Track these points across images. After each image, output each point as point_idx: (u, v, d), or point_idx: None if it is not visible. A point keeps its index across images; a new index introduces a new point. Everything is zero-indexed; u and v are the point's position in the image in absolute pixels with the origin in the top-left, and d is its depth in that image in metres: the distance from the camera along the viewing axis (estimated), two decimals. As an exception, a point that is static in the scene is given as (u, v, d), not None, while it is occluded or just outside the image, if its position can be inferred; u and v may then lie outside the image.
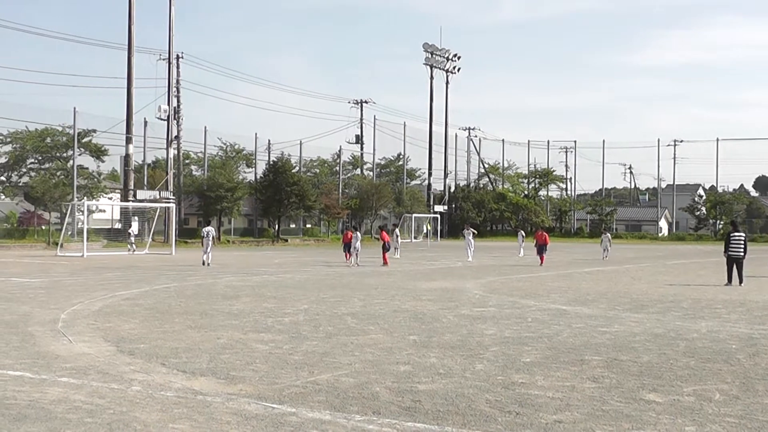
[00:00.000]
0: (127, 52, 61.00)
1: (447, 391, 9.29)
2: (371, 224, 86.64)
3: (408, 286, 24.69)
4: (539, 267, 36.20)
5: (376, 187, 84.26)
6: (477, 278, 28.68)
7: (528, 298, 21.01)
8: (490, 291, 23.35)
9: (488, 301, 20.35)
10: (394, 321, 15.83)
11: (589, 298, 21.18)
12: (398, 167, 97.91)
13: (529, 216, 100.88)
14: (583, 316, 17.08)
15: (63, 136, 60.21)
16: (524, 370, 10.69)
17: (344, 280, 26.93)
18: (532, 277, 29.30)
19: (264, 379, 9.91)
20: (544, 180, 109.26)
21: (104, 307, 17.89)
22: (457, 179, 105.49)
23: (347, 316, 16.54)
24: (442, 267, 36.36)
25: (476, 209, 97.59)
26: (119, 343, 12.72)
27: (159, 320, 15.63)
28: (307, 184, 73.94)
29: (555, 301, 20.31)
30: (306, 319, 15.96)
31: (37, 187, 55.81)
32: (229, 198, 66.55)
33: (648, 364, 11.18)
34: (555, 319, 16.45)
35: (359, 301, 19.95)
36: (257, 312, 17.22)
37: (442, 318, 16.43)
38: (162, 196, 61.54)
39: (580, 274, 31.70)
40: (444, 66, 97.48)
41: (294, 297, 20.76)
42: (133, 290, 22.43)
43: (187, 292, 22.07)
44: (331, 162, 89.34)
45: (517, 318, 16.54)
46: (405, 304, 19.32)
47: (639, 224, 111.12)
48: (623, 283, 27.36)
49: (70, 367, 10.66)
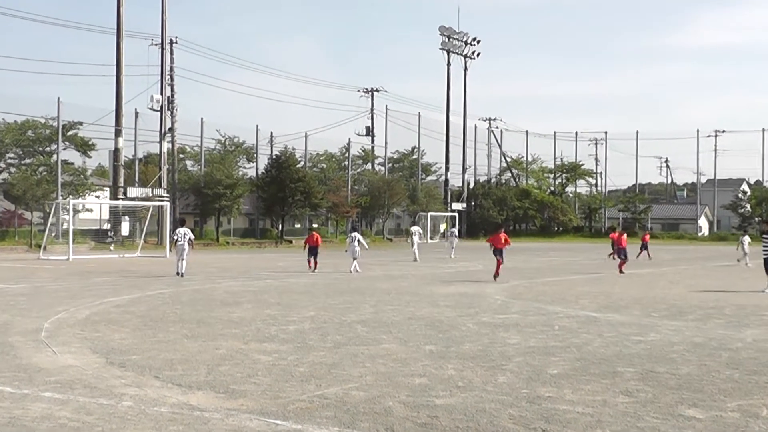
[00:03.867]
0: (116, 36, 61.15)
1: (466, 406, 9.27)
2: (383, 224, 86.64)
3: (423, 291, 24.68)
4: (568, 273, 36.12)
5: (389, 183, 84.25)
6: (499, 282, 28.63)
7: (555, 304, 20.97)
8: (513, 296, 23.32)
9: (511, 307, 20.32)
10: (409, 329, 15.82)
11: (621, 304, 21.13)
12: (412, 161, 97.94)
13: (555, 214, 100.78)
14: (615, 323, 17.04)
15: (46, 129, 60.31)
16: (551, 382, 10.67)
17: (354, 285, 26.93)
18: (559, 281, 29.25)
19: (267, 393, 9.91)
20: (572, 175, 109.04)
21: (92, 315, 17.92)
22: (476, 174, 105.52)
23: (357, 324, 16.53)
24: (460, 270, 36.31)
25: (497, 207, 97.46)
26: (108, 354, 12.74)
27: (152, 329, 15.65)
28: (313, 181, 74.00)
29: (584, 308, 20.26)
30: (312, 328, 15.96)
31: (17, 185, 55.80)
32: (228, 196, 66.66)
33: (687, 377, 11.14)
34: (584, 326, 16.42)
35: (370, 307, 19.94)
36: (259, 320, 17.24)
37: (460, 326, 16.41)
38: (155, 194, 61.68)
39: (612, 278, 31.62)
40: (462, 51, 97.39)
41: (299, 303, 20.77)
42: (123, 296, 22.47)
43: (183, 298, 22.10)
44: (339, 156, 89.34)
45: (543, 326, 16.51)
46: (420, 310, 19.31)
47: (676, 223, 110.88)
48: (659, 287, 27.28)
49: (55, 380, 10.68)
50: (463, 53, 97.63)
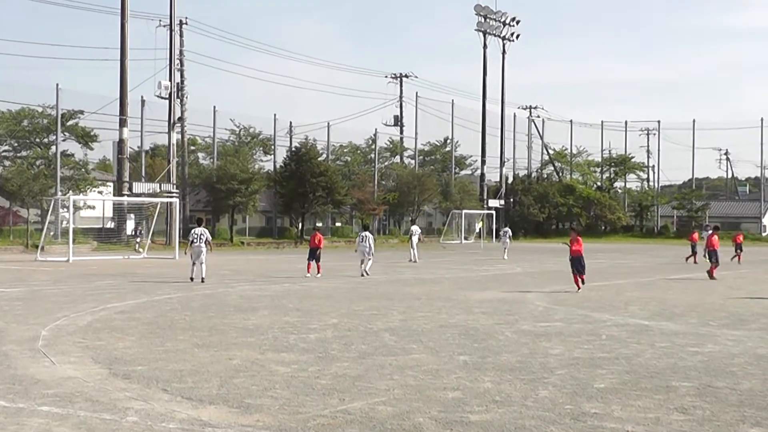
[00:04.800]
0: (120, 17, 61.58)
1: (504, 423, 9.25)
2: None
3: (457, 297, 24.66)
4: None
5: (419, 177, 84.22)
6: (540, 287, 28.55)
7: (602, 311, 20.90)
8: (555, 302, 23.26)
9: (554, 314, 20.27)
10: (441, 338, 15.82)
11: (676, 312, 21.03)
12: (445, 154, 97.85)
13: (602, 212, 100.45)
14: (668, 333, 16.96)
15: (43, 118, 60.70)
16: (597, 397, 10.63)
17: (381, 290, 26.94)
18: (607, 286, 29.13)
19: (285, 408, 9.93)
20: (621, 169, 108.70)
21: (94, 322, 18.01)
22: (515, 168, 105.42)
23: (384, 333, 16.54)
24: (498, 273, 36.26)
25: (539, 204, 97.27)
26: (112, 364, 12.80)
27: (160, 337, 15.71)
28: (336, 175, 74.04)
29: (634, 315, 20.18)
30: (335, 336, 15.98)
31: (12, 179, 56.13)
32: (243, 191, 66.82)
33: (749, 392, 11.07)
34: (635, 336, 16.35)
35: (399, 314, 19.95)
36: (277, 327, 17.27)
37: (498, 334, 16.39)
38: (163, 190, 61.96)
39: (665, 282, 31.47)
40: (500, 32, 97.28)
41: (321, 309, 20.80)
42: (128, 301, 22.57)
43: (194, 303, 22.18)
44: (364, 148, 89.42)
45: (589, 335, 16.46)
46: (454, 317, 19.30)
47: (737, 221, 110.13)
48: (718, 293, 27.13)
49: (53, 393, 10.73)
50: (500, 35, 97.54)
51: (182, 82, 66.23)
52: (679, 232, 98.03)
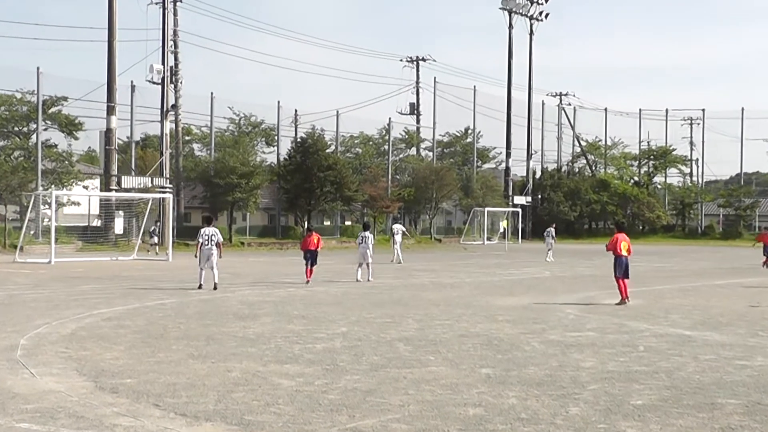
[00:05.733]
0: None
1: (531, 443, 9.24)
2: (430, 221, 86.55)
3: (479, 303, 24.66)
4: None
5: (437, 171, 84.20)
6: (571, 292, 28.52)
7: (639, 320, 20.87)
8: (587, 310, 23.26)
9: (586, 323, 20.26)
10: (461, 349, 15.82)
11: (722, 321, 20.98)
12: (466, 146, 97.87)
13: (640, 210, 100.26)
14: (714, 344, 16.93)
15: (23, 105, 60.79)
16: (634, 415, 10.62)
17: (394, 295, 26.96)
18: (645, 292, 29.08)
19: (289, 426, 9.94)
20: (661, 162, 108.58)
21: (78, 330, 18.05)
22: (544, 162, 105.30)
23: (399, 342, 16.56)
24: (524, 277, 36.24)
25: (569, 201, 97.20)
26: (98, 377, 12.83)
27: (151, 347, 15.74)
28: (345, 169, 74.09)
29: (675, 324, 20.15)
30: (345, 346, 16.00)
31: (-12, 173, 56.18)
32: (243, 186, 66.91)
33: (803, 410, 11.05)
34: (676, 348, 16.33)
35: (415, 322, 19.96)
36: (280, 336, 17.30)
37: (524, 345, 16.39)
38: (155, 185, 62.04)
39: (710, 288, 31.40)
40: (527, 11, 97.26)
41: (329, 317, 20.83)
42: (117, 307, 22.63)
43: (189, 310, 22.23)
44: (377, 139, 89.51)
45: (625, 346, 16.44)
46: (475, 326, 19.30)
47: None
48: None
49: (33, 408, 10.76)
50: (528, 14, 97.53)
51: (176, 66, 66.40)
52: (725, 232, 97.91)
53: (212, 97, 73.01)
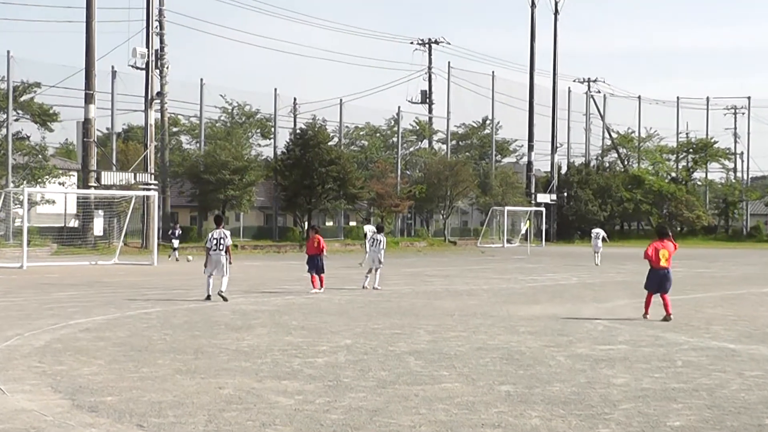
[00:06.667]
0: (87, -31, 61.65)
1: (557, 469, 9.24)
2: (444, 221, 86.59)
3: (498, 313, 24.67)
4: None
5: (452, 166, 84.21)
6: (600, 301, 28.51)
7: (677, 332, 20.85)
8: (619, 320, 23.25)
9: (617, 335, 20.24)
10: (478, 363, 15.83)
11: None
12: (483, 138, 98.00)
13: (678, 209, 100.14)
14: (760, 359, 16.91)
15: (-8, 93, 60.86)
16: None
17: (404, 304, 26.96)
18: (683, 301, 29.06)
19: (286, 449, 9.93)
20: (702, 156, 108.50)
21: (53, 342, 18.08)
22: (570, 155, 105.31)
23: (409, 356, 16.56)
24: (548, 284, 36.23)
25: (599, 199, 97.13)
26: (75, 394, 12.84)
27: (134, 361, 15.75)
28: (350, 163, 74.22)
29: (718, 337, 20.13)
30: (349, 360, 16.01)
31: (-46, 168, 56.29)
32: (236, 183, 67.09)
33: None
34: (718, 363, 16.31)
35: (427, 334, 19.97)
36: (277, 349, 17.32)
37: (548, 360, 16.39)
38: (138, 181, 62.12)
39: (757, 297, 31.37)
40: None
41: (331, 327, 20.85)
42: (95, 317, 22.66)
43: (176, 320, 22.25)
44: (385, 130, 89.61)
45: (661, 361, 16.43)
46: (494, 338, 19.31)
47: None
48: (821, 309, 27.05)
49: (3, 429, 10.77)
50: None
51: (162, 49, 66.47)
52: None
53: (202, 83, 73.38)
